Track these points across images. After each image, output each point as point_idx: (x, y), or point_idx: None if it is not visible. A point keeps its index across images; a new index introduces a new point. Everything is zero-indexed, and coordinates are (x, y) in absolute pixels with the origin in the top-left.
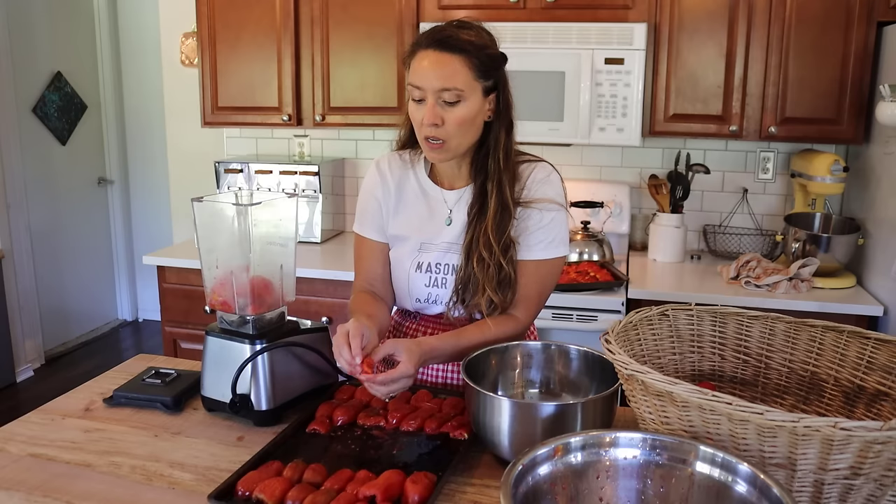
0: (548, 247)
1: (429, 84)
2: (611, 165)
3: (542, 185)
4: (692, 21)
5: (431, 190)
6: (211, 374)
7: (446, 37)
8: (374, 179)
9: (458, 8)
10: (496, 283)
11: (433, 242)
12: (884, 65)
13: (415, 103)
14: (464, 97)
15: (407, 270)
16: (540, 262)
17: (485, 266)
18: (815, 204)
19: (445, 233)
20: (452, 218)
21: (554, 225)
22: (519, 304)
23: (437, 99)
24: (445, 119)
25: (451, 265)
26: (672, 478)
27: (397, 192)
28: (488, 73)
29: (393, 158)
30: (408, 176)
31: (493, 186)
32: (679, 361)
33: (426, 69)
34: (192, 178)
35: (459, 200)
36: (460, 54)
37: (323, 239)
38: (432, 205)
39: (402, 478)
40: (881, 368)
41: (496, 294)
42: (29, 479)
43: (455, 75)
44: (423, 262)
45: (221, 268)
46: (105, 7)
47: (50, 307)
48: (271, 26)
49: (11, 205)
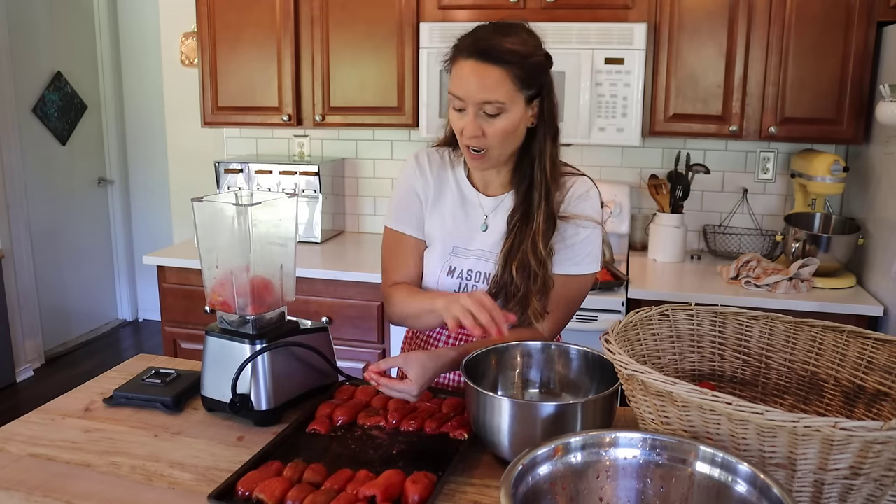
0: (579, 263)
1: (470, 96)
2: (611, 165)
3: (582, 201)
4: (692, 21)
5: (469, 193)
6: (211, 374)
7: (489, 47)
8: (414, 173)
9: (459, 8)
10: (540, 292)
11: (467, 248)
12: (884, 65)
13: (455, 112)
14: (505, 109)
15: (437, 275)
16: (570, 277)
17: (530, 275)
18: (815, 204)
19: (480, 239)
20: (489, 224)
21: (588, 242)
22: (548, 319)
23: (478, 111)
24: (486, 131)
25: (483, 273)
26: (672, 478)
27: (436, 188)
28: (531, 82)
29: (432, 154)
30: (447, 175)
31: (540, 196)
32: (679, 361)
33: (467, 80)
34: (192, 178)
35: (498, 207)
36: (503, 66)
37: (323, 239)
38: (468, 209)
39: (402, 478)
40: (881, 368)
41: (539, 302)
42: (29, 479)
43: (497, 88)
44: (455, 267)
45: (221, 268)
46: (105, 7)
47: (50, 307)
48: (271, 26)
49: (11, 205)
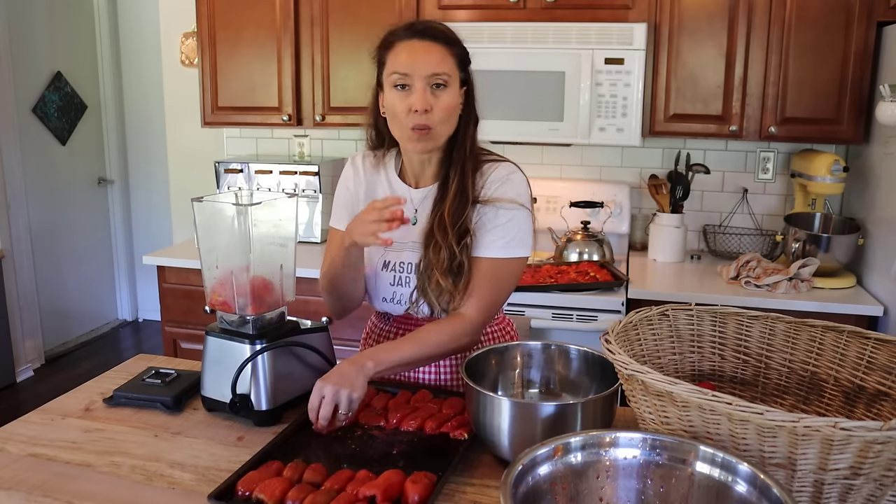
0: (504, 246)
1: (419, 70)
2: (611, 165)
3: (502, 185)
4: (692, 21)
5: (400, 189)
6: (211, 374)
7: (428, 27)
8: (348, 174)
9: (459, 8)
10: (446, 269)
11: (400, 241)
12: (884, 65)
13: (397, 93)
14: (450, 83)
15: (374, 269)
16: (495, 260)
17: (437, 249)
18: (815, 204)
19: (411, 232)
20: (418, 217)
21: (511, 225)
22: (469, 301)
23: (426, 84)
24: (434, 105)
25: (414, 264)
26: (672, 478)
27: (367, 188)
28: (464, 64)
29: (367, 156)
30: (379, 175)
31: (455, 173)
32: (679, 361)
33: (415, 56)
34: (192, 178)
35: (425, 198)
36: (444, 44)
37: (323, 239)
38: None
39: (402, 478)
40: (881, 368)
41: (445, 278)
42: (29, 479)
43: (443, 61)
44: (390, 260)
45: (221, 268)
46: (105, 7)
47: (50, 307)
48: (271, 26)
49: (11, 205)
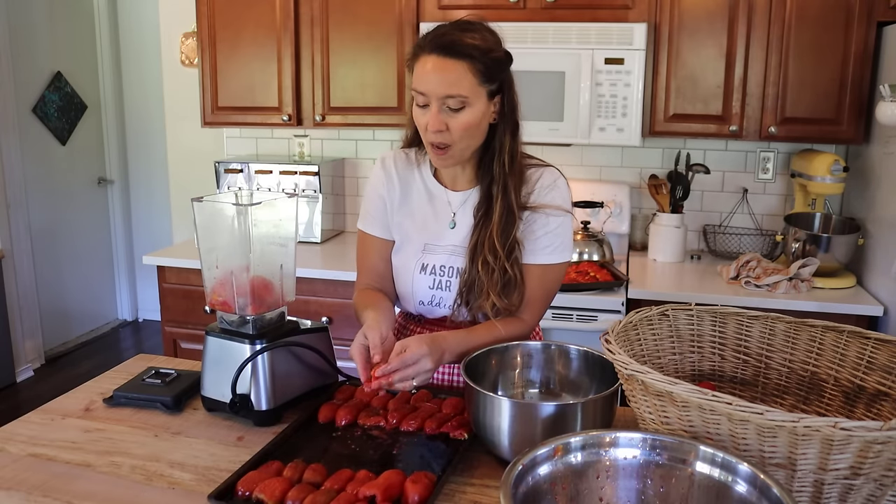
0: (553, 252)
1: (432, 90)
2: (611, 165)
3: (550, 191)
4: (692, 21)
5: (436, 191)
6: (211, 374)
7: (450, 42)
8: (379, 176)
9: (458, 8)
10: (500, 287)
11: (438, 244)
12: (884, 65)
13: (419, 108)
14: (468, 103)
15: (411, 272)
16: (546, 266)
17: (489, 270)
18: (815, 204)
19: (450, 235)
20: (456, 221)
21: (560, 231)
22: (525, 307)
23: (441, 105)
24: (450, 125)
25: (455, 268)
26: (672, 478)
27: (402, 189)
28: (493, 76)
29: (398, 156)
30: (413, 175)
31: (498, 190)
32: (679, 361)
33: (430, 75)
34: (192, 178)
35: (464, 203)
36: (464, 60)
37: (323, 239)
38: (437, 206)
39: (402, 478)
40: (881, 368)
41: (500, 299)
42: (29, 479)
43: (459, 82)
44: (428, 263)
45: (221, 268)
46: (105, 7)
47: (50, 307)
48: (271, 26)
49: (11, 205)
